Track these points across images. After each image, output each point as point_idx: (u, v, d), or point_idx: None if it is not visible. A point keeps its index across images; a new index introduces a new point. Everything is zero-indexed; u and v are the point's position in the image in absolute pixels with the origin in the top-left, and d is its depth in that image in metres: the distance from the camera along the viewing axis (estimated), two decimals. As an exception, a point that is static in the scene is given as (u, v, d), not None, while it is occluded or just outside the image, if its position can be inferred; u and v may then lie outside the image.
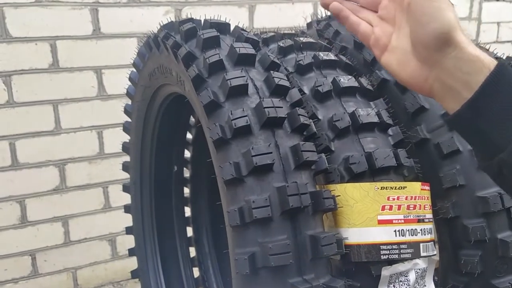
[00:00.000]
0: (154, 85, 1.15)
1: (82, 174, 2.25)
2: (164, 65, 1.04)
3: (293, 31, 1.17)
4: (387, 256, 0.80)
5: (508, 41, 3.14)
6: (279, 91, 0.83)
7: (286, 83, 0.84)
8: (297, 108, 0.82)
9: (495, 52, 0.99)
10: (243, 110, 0.78)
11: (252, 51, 0.87)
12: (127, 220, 2.37)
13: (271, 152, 0.75)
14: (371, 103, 0.96)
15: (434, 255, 0.85)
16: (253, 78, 0.85)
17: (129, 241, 2.40)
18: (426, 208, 0.85)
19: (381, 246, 0.80)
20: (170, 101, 1.20)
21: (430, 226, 0.85)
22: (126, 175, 2.31)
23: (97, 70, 2.17)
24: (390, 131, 0.92)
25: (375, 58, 0.98)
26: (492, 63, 0.58)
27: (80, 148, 2.22)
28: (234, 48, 0.86)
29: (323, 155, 0.82)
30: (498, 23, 3.06)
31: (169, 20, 1.10)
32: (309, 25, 1.30)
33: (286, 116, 0.80)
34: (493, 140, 0.58)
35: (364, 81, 0.96)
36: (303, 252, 0.75)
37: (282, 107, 0.80)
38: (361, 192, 0.82)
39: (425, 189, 0.86)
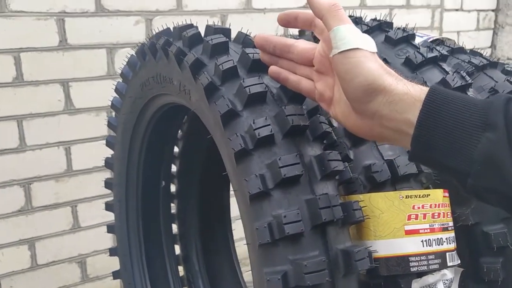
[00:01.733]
0: (146, 96, 1.09)
1: (49, 193, 2.12)
2: (162, 74, 0.98)
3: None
4: (416, 268, 0.77)
5: (467, 49, 3.25)
6: (296, 99, 0.79)
7: (304, 90, 0.80)
8: (318, 115, 0.78)
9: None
10: (265, 118, 0.73)
11: (265, 57, 0.83)
12: (98, 240, 2.26)
13: (298, 163, 0.71)
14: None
15: (459, 264, 0.83)
16: (269, 85, 0.80)
17: (100, 263, 2.28)
18: (448, 216, 0.83)
19: (410, 258, 0.77)
20: (162, 112, 1.13)
21: (453, 234, 0.83)
22: (96, 193, 2.22)
23: (64, 83, 2.05)
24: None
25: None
26: (422, 93, 0.59)
27: (46, 165, 2.09)
28: (247, 54, 0.81)
29: (346, 164, 0.79)
30: (458, 32, 3.16)
31: (151, 30, 1.04)
32: (301, 32, 1.28)
33: (308, 124, 0.76)
34: (456, 168, 0.57)
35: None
36: (335, 268, 0.70)
37: (304, 115, 0.76)
38: (387, 201, 0.79)
39: (446, 196, 0.84)
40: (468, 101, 0.57)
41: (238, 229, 1.66)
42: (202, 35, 0.92)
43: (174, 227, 1.47)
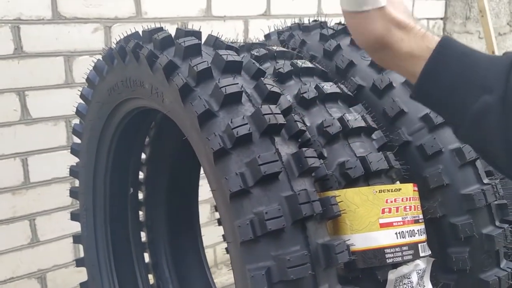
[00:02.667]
0: (114, 100, 1.07)
1: (6, 207, 2.03)
2: (132, 77, 0.97)
3: (259, 41, 1.15)
4: (392, 259, 0.80)
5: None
6: (271, 98, 0.81)
7: (278, 90, 0.82)
8: (292, 114, 0.80)
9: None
10: (243, 118, 0.74)
11: (238, 58, 0.84)
12: (58, 254, 2.18)
13: (277, 160, 0.72)
14: (351, 108, 0.96)
15: (430, 254, 0.86)
16: (243, 85, 0.81)
17: (62, 277, 2.21)
18: (418, 209, 0.87)
19: (385, 250, 0.80)
20: (131, 118, 1.12)
21: (423, 226, 0.87)
22: (55, 205, 2.15)
23: (19, 92, 1.98)
24: (373, 135, 0.93)
25: (349, 65, 1.01)
26: (426, 52, 0.62)
27: (2, 178, 2.01)
28: (220, 56, 0.82)
29: (322, 161, 0.80)
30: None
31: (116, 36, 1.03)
32: (267, 36, 1.30)
33: (285, 122, 0.77)
34: (450, 120, 0.66)
35: (343, 87, 0.97)
36: (316, 262, 0.72)
37: (279, 114, 0.77)
38: (361, 196, 0.81)
39: (416, 190, 0.87)
40: (474, 57, 0.59)
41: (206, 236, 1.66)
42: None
43: (143, 235, 1.45)
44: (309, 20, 1.28)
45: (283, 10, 2.58)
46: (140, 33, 0.98)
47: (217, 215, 2.25)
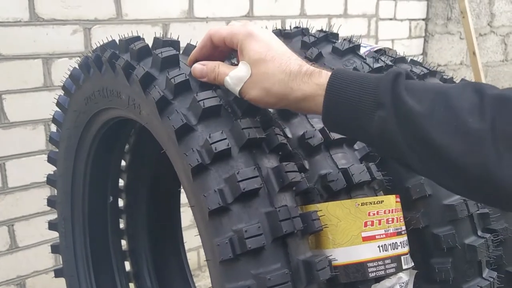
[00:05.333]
0: (91, 110, 1.04)
1: (-17, 213, 2.00)
2: (108, 87, 0.94)
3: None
4: (374, 273, 0.79)
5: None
6: (251, 111, 0.79)
7: (258, 102, 0.80)
8: (273, 127, 0.78)
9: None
10: (221, 132, 0.72)
11: (217, 69, 0.82)
12: (38, 260, 2.14)
13: (257, 176, 0.71)
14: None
15: (413, 266, 0.85)
16: (222, 98, 0.79)
17: (41, 283, 2.17)
18: (401, 220, 0.86)
19: (368, 264, 0.79)
20: (109, 126, 1.09)
21: (406, 238, 0.86)
22: (34, 210, 2.11)
23: (-4, 96, 1.94)
24: (355, 145, 0.92)
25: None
26: (321, 88, 0.68)
27: (-21, 184, 1.97)
28: (198, 67, 0.80)
29: (303, 174, 0.79)
30: (392, 40, 3.29)
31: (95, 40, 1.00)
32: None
33: (264, 136, 0.75)
34: (361, 140, 0.76)
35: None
36: (297, 279, 0.70)
37: (259, 127, 0.76)
38: (343, 210, 0.80)
39: (398, 202, 0.86)
40: (363, 80, 0.65)
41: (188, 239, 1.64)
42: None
43: (124, 243, 1.42)
44: (290, 26, 1.26)
45: (266, 11, 2.56)
46: (117, 41, 0.95)
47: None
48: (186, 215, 2.37)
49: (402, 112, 0.61)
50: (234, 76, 0.74)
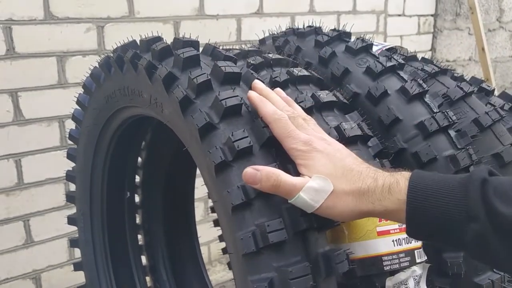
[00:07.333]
0: (111, 108, 1.07)
1: (0, 208, 2.04)
2: (130, 86, 0.97)
3: (255, 48, 1.16)
4: (389, 266, 0.82)
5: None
6: (270, 109, 0.82)
7: (276, 101, 0.83)
8: (292, 125, 0.81)
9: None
10: (243, 130, 0.75)
11: (237, 69, 0.85)
12: (53, 254, 2.19)
13: (278, 172, 0.73)
14: (346, 116, 0.97)
15: (426, 260, 0.88)
16: (243, 97, 0.82)
17: (56, 277, 2.22)
18: (414, 216, 0.88)
19: (383, 258, 0.82)
20: (128, 124, 1.12)
21: (419, 232, 0.88)
22: (49, 206, 2.15)
23: (12, 93, 1.98)
24: (369, 143, 0.95)
25: (344, 72, 1.02)
26: (401, 195, 0.65)
27: (-5, 179, 2.01)
28: (219, 67, 0.83)
29: (320, 171, 0.82)
30: (401, 36, 3.30)
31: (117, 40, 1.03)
32: (262, 41, 1.30)
33: (284, 134, 0.78)
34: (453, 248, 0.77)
35: (339, 95, 0.98)
36: (317, 272, 0.73)
37: (279, 126, 0.78)
38: (359, 205, 0.82)
39: (412, 197, 0.89)
40: (447, 190, 0.62)
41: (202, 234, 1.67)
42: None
43: (140, 238, 1.46)
44: (303, 24, 1.29)
45: (275, 8, 2.58)
46: (138, 42, 0.98)
47: (211, 214, 2.26)
48: (198, 210, 2.40)
49: (499, 222, 0.58)
50: (311, 189, 0.70)
